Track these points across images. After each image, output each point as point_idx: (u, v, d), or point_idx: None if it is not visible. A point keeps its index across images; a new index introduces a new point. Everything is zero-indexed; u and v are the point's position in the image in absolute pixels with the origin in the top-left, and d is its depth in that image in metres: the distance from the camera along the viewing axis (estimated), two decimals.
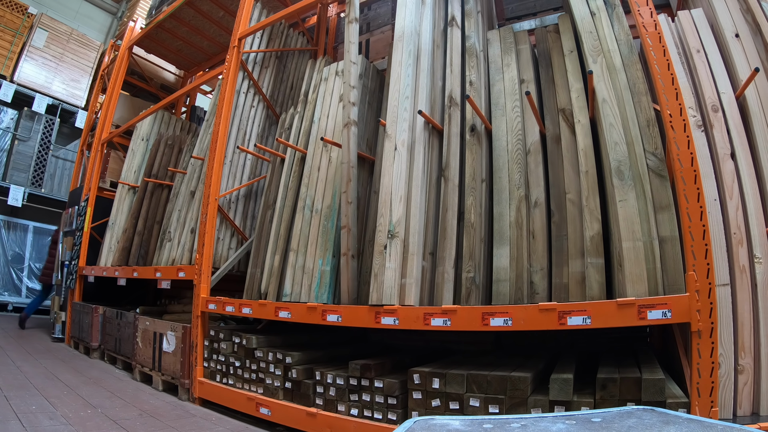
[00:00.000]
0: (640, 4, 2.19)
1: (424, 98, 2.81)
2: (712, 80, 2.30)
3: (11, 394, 2.96)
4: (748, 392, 1.85)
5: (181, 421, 2.79)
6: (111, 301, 5.44)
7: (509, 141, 2.60)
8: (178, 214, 4.34)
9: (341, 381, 2.53)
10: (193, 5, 5.34)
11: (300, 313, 2.81)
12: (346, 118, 2.97)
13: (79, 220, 5.75)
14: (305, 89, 3.99)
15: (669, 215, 2.01)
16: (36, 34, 8.04)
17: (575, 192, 2.32)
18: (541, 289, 2.27)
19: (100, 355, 4.71)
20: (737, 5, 2.41)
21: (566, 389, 1.91)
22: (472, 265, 2.43)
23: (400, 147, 2.68)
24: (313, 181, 3.32)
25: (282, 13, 3.91)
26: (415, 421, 1.02)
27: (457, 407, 2.13)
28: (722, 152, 2.13)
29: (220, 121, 3.85)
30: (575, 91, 2.49)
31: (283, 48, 4.69)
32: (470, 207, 2.53)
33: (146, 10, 6.71)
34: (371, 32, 4.68)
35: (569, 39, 2.67)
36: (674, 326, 2.23)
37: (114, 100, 6.05)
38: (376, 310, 2.43)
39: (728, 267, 1.97)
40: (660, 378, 1.83)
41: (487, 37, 3.03)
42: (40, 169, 8.14)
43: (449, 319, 2.21)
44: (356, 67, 3.16)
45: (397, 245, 2.50)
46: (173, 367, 3.51)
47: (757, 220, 2.01)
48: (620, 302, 1.88)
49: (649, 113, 2.20)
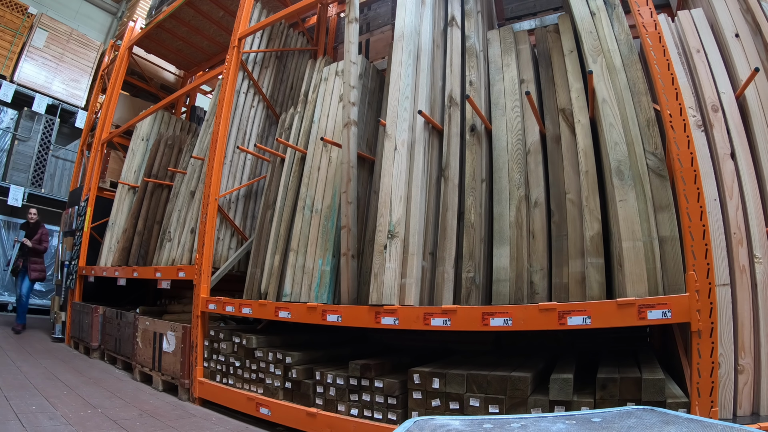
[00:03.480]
0: (640, 4, 2.19)
1: (424, 98, 2.81)
2: (712, 80, 2.30)
3: (11, 394, 2.96)
4: (748, 392, 1.85)
5: (181, 421, 2.79)
6: (111, 301, 5.44)
7: (509, 141, 2.59)
8: (178, 214, 4.34)
9: (341, 381, 2.53)
10: (193, 5, 5.34)
11: (300, 313, 2.81)
12: (346, 118, 2.97)
13: (79, 220, 5.75)
14: (305, 89, 3.99)
15: (669, 215, 2.01)
16: (36, 34, 8.04)
17: (575, 192, 2.32)
18: (541, 289, 2.27)
19: (100, 355, 4.70)
20: (737, 5, 2.41)
21: (566, 389, 1.91)
22: (472, 265, 2.42)
23: (400, 147, 2.68)
24: (313, 181, 3.32)
25: (282, 13, 3.91)
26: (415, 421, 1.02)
27: (457, 407, 2.13)
28: (722, 152, 2.13)
29: (220, 121, 3.85)
30: (575, 91, 2.49)
31: (283, 48, 4.69)
32: (470, 207, 2.53)
33: (146, 10, 6.70)
34: (371, 32, 4.68)
35: (569, 39, 2.67)
36: (674, 326, 2.23)
37: (114, 100, 6.05)
38: (376, 310, 2.43)
39: (728, 267, 1.97)
40: (660, 378, 1.83)
41: (487, 37, 3.03)
42: (40, 169, 8.14)
43: (449, 319, 2.21)
44: (356, 67, 3.16)
45: (397, 245, 2.50)
46: (173, 367, 3.51)
47: (757, 220, 2.01)
48: (620, 302, 1.88)
49: (649, 113, 2.20)
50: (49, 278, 7.94)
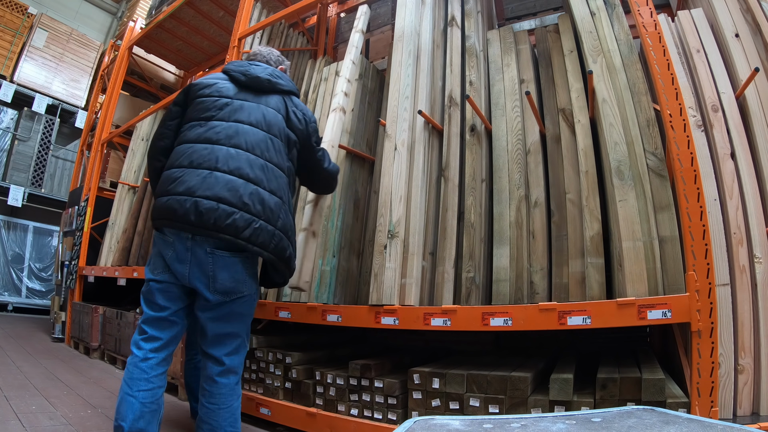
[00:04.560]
0: (640, 4, 2.19)
1: (424, 98, 2.81)
2: (712, 80, 2.30)
3: (11, 394, 2.96)
4: (748, 392, 1.85)
5: (181, 422, 2.79)
6: (111, 301, 5.44)
7: (509, 141, 2.60)
8: None
9: (341, 381, 2.53)
10: (193, 5, 5.34)
11: (300, 313, 2.81)
12: (335, 104, 2.82)
13: (79, 220, 5.75)
14: (305, 89, 3.99)
15: (669, 215, 2.01)
16: (36, 34, 8.04)
17: (575, 192, 2.32)
18: (541, 289, 2.27)
19: (100, 355, 4.70)
20: (737, 5, 2.41)
21: (566, 389, 1.91)
22: (472, 265, 2.43)
23: (400, 147, 2.68)
24: None
25: (282, 13, 3.91)
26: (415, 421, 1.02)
27: (457, 407, 2.13)
28: (722, 152, 2.13)
29: None
30: (575, 91, 2.49)
31: (283, 48, 4.69)
32: (470, 207, 2.53)
33: (146, 10, 6.70)
34: (371, 32, 4.69)
35: (569, 39, 2.67)
36: (674, 326, 2.24)
37: (114, 100, 6.05)
38: (376, 310, 2.43)
39: (728, 267, 1.97)
40: (660, 378, 1.83)
41: (487, 37, 3.04)
42: (40, 169, 8.14)
43: (449, 319, 2.21)
44: (354, 67, 3.15)
45: (397, 245, 2.50)
46: (173, 367, 3.51)
47: (757, 220, 2.01)
48: (620, 302, 1.88)
49: (649, 113, 2.20)
50: (49, 278, 7.94)
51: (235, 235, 1.79)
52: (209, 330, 1.89)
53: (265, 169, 1.92)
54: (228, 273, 1.84)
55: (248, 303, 1.97)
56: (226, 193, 1.80)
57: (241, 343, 1.98)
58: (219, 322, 1.89)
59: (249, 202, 1.83)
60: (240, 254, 1.88)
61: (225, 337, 1.91)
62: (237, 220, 1.79)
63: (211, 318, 1.88)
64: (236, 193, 1.81)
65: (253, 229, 1.82)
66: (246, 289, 1.92)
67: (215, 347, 1.90)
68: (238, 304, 1.92)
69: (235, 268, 1.87)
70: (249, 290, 1.94)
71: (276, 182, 1.96)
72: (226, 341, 1.92)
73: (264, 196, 1.88)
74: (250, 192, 1.84)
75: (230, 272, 1.85)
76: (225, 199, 1.80)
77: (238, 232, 1.79)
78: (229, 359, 1.91)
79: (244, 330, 1.99)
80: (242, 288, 1.90)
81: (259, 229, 1.84)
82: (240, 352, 1.97)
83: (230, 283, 1.86)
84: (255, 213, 1.84)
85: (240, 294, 1.90)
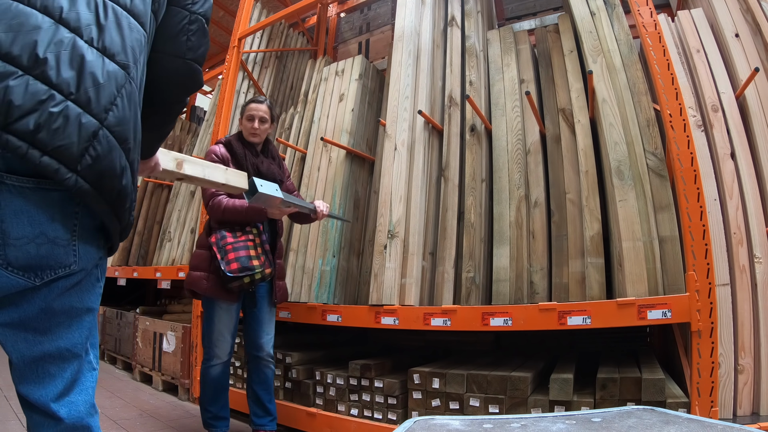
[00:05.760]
0: (640, 4, 2.19)
1: (424, 98, 2.81)
2: (712, 80, 2.30)
3: (11, 394, 2.96)
4: (748, 392, 1.85)
5: (182, 422, 2.79)
6: (111, 301, 5.44)
7: (509, 141, 2.60)
8: (178, 214, 4.34)
9: (341, 381, 2.53)
10: None
11: (300, 313, 2.81)
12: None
13: None
14: (305, 89, 3.99)
15: (669, 215, 2.01)
16: None
17: (575, 192, 2.32)
18: (541, 289, 2.27)
19: (100, 355, 4.71)
20: (737, 5, 2.41)
21: (566, 389, 1.91)
22: (472, 265, 2.43)
23: (400, 147, 2.68)
24: (313, 181, 3.32)
25: (282, 13, 3.91)
26: (415, 421, 1.02)
27: (457, 407, 2.13)
28: (722, 152, 2.13)
29: (220, 121, 3.84)
30: (575, 91, 2.49)
31: (283, 48, 4.69)
32: (470, 207, 2.53)
33: None
34: (371, 32, 4.68)
35: (569, 39, 2.67)
36: (674, 326, 2.24)
37: None
38: (376, 310, 2.43)
39: (728, 267, 1.97)
40: (660, 378, 1.83)
41: (487, 37, 3.03)
42: None
43: (449, 319, 2.21)
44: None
45: (397, 245, 2.50)
46: (173, 367, 3.51)
47: (757, 220, 2.01)
48: (620, 302, 1.88)
49: (649, 113, 2.21)
50: None
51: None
52: (12, 351, 0.92)
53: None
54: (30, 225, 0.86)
55: (84, 287, 0.98)
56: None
57: (79, 368, 1.00)
58: (27, 332, 0.92)
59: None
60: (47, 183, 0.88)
61: (46, 363, 0.94)
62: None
63: (11, 326, 0.91)
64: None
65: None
66: (72, 258, 0.93)
67: (31, 384, 0.94)
68: (62, 291, 0.94)
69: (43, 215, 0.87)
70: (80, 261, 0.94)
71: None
72: (51, 370, 0.95)
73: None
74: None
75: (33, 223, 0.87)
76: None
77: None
78: (66, 406, 0.97)
79: (82, 340, 0.99)
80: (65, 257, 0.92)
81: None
82: (83, 383, 1.01)
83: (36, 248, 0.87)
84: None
85: (63, 270, 0.92)
